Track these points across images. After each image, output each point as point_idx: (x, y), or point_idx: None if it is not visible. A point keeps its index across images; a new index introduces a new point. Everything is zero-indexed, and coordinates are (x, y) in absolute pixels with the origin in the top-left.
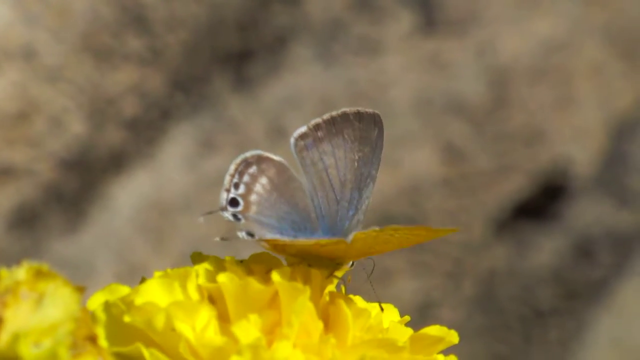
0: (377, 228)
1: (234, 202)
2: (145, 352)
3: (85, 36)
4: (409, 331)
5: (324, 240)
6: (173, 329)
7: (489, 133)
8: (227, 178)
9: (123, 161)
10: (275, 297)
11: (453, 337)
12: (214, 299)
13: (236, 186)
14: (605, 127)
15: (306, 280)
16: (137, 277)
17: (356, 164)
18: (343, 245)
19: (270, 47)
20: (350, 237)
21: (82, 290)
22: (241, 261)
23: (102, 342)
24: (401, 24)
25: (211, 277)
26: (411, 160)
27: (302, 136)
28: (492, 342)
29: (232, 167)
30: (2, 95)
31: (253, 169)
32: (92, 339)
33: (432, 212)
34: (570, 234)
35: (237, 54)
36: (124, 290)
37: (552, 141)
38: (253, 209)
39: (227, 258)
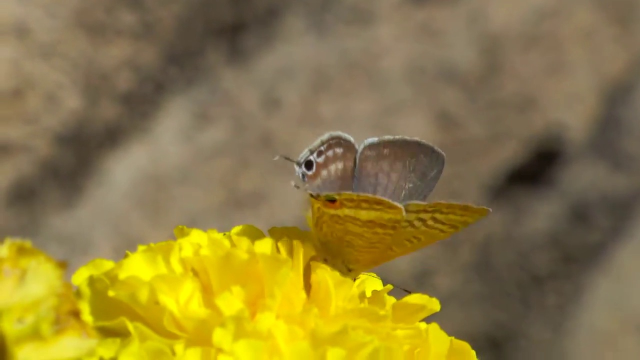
0: (422, 203)
1: (309, 164)
2: (130, 326)
3: (78, 12)
4: (391, 300)
5: (389, 201)
6: (157, 302)
7: (481, 100)
8: (318, 141)
9: (118, 135)
10: (258, 268)
11: (434, 304)
12: (197, 271)
13: (319, 154)
14: (597, 91)
15: (289, 252)
16: (135, 250)
17: (403, 192)
18: (399, 215)
19: (263, 19)
20: (404, 205)
21: (64, 266)
22: (224, 234)
23: (87, 317)
24: None
25: (194, 250)
26: (405, 128)
27: (371, 147)
28: (489, 309)
29: (326, 136)
30: None
31: (339, 150)
32: (76, 314)
33: None
34: (565, 198)
35: (230, 27)
36: (109, 265)
37: (545, 107)
38: (318, 181)
39: (210, 231)
